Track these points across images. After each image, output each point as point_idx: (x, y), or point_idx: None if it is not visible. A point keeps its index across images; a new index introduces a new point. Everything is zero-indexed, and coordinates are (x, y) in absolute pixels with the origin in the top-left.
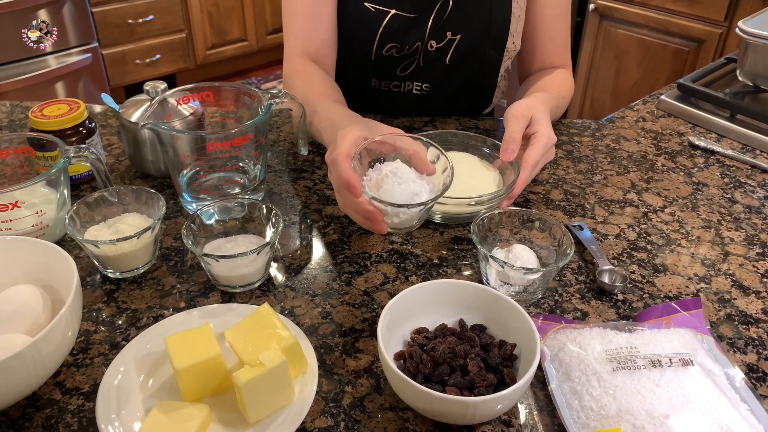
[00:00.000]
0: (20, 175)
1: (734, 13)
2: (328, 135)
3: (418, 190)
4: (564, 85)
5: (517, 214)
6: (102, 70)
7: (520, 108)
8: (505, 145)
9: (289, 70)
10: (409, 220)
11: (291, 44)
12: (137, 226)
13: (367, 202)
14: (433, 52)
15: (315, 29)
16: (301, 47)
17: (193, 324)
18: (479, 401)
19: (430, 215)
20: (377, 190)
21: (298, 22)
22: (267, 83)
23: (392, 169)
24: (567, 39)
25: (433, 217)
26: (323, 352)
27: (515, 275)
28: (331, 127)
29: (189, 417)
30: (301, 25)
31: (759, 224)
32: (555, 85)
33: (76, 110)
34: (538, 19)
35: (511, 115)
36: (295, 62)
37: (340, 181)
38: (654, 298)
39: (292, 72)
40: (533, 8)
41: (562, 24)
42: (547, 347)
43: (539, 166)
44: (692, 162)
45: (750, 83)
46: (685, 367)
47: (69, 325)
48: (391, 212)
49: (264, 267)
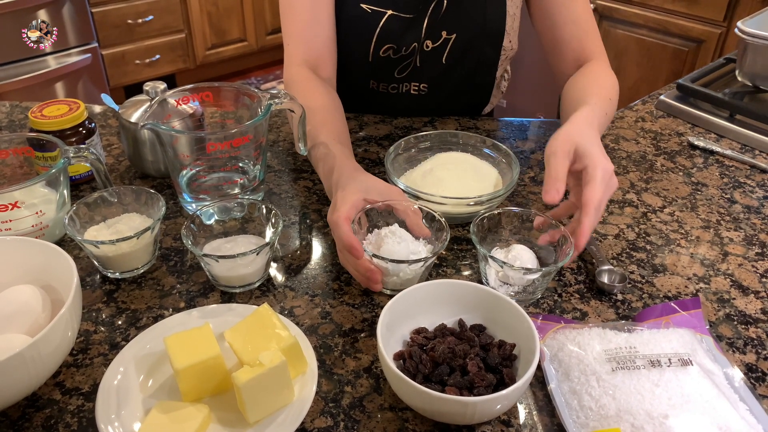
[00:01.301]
0: (20, 176)
1: (733, 13)
2: (327, 184)
3: (417, 249)
4: (607, 85)
5: (516, 215)
6: (102, 71)
7: (560, 142)
8: (547, 186)
9: (289, 78)
10: (410, 280)
11: (291, 50)
12: (137, 227)
13: (368, 261)
14: (429, 52)
15: (315, 34)
16: (302, 53)
17: (192, 324)
18: (478, 401)
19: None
20: (377, 249)
21: (298, 27)
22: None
23: (391, 230)
24: (591, 20)
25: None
26: (323, 352)
27: (515, 275)
28: (328, 175)
29: (189, 417)
30: (301, 29)
31: (758, 224)
32: (597, 88)
33: (75, 110)
34: (554, 3)
35: (551, 152)
36: (295, 71)
37: (342, 243)
38: (653, 298)
39: (292, 80)
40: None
41: (581, 5)
42: (546, 347)
43: (603, 204)
44: (691, 162)
45: (749, 83)
46: (684, 367)
47: (69, 326)
48: (392, 270)
49: (263, 267)
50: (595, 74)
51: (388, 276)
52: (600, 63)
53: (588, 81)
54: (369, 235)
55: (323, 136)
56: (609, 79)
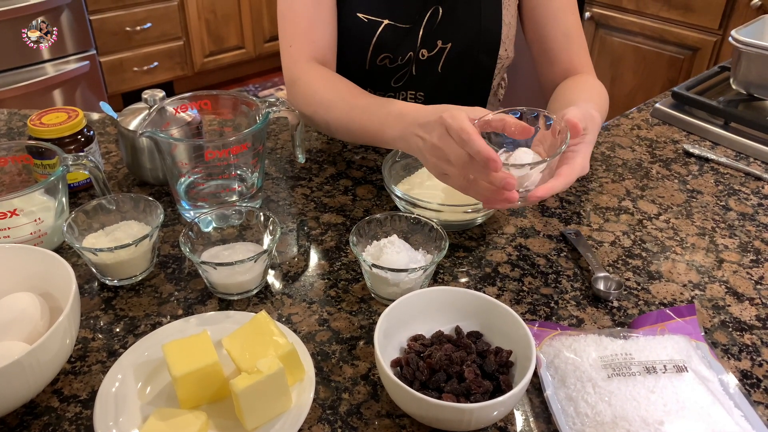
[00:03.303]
0: (18, 183)
1: (728, 21)
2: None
3: (417, 257)
4: (597, 92)
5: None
6: (100, 78)
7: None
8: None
9: (299, 73)
10: (410, 289)
11: (296, 50)
12: (135, 234)
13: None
14: (425, 61)
15: (321, 35)
16: (309, 52)
17: (190, 331)
18: (475, 408)
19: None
20: (376, 260)
21: (302, 27)
22: (264, 90)
23: (390, 240)
24: (581, 35)
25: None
26: (320, 359)
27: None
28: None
29: (186, 424)
30: (306, 30)
31: (753, 231)
32: (588, 93)
33: (74, 118)
34: (545, 14)
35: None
36: (304, 66)
37: (480, 157)
38: (649, 304)
39: (303, 73)
40: (535, 6)
41: (571, 18)
42: (542, 354)
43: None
44: (687, 169)
45: (743, 91)
46: (680, 373)
47: (67, 333)
48: (392, 280)
49: (261, 274)
50: (586, 82)
51: (388, 286)
52: (590, 75)
53: (578, 85)
54: (368, 247)
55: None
56: (599, 88)
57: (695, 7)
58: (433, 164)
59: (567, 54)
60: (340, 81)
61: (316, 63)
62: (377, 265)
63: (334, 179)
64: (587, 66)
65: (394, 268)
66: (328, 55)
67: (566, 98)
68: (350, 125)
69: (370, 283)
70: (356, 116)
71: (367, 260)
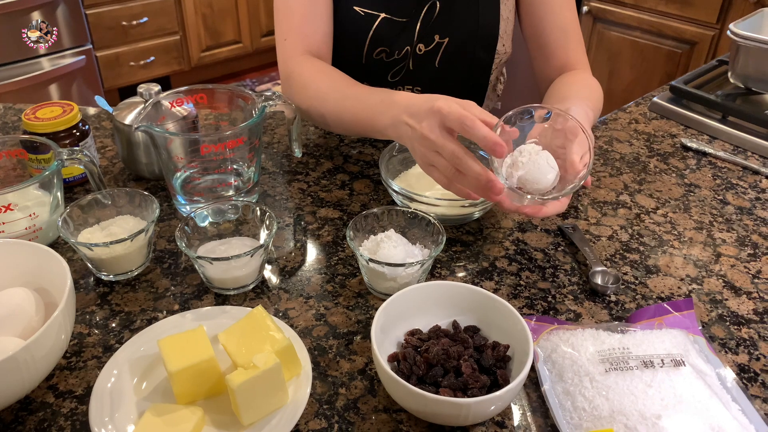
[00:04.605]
0: (13, 178)
1: (726, 15)
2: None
3: (414, 252)
4: (592, 88)
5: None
6: (96, 72)
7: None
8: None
9: (293, 67)
10: (407, 283)
11: (290, 45)
12: (131, 229)
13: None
14: (422, 56)
15: (315, 30)
16: (303, 47)
17: (186, 326)
18: (473, 402)
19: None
20: (373, 254)
21: (297, 22)
22: (261, 85)
23: (387, 235)
24: (578, 31)
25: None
26: (317, 354)
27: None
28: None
29: (182, 420)
30: (300, 24)
31: (750, 225)
32: (584, 89)
33: (69, 113)
34: (542, 10)
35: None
36: (299, 60)
37: (486, 142)
38: (646, 299)
39: (296, 67)
40: (532, 1)
41: (568, 14)
42: (540, 348)
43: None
44: (684, 163)
45: (741, 85)
46: (677, 367)
47: (62, 328)
48: (389, 274)
49: (258, 269)
50: (582, 79)
51: (385, 280)
52: (586, 72)
53: (573, 81)
54: (365, 241)
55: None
56: (594, 85)
57: (693, 1)
58: (421, 154)
59: (563, 50)
60: (335, 72)
61: (311, 56)
62: (374, 259)
63: (331, 174)
64: (583, 62)
65: (391, 263)
66: (323, 49)
67: (561, 95)
68: (343, 115)
69: (367, 278)
70: (349, 105)
71: (364, 255)
